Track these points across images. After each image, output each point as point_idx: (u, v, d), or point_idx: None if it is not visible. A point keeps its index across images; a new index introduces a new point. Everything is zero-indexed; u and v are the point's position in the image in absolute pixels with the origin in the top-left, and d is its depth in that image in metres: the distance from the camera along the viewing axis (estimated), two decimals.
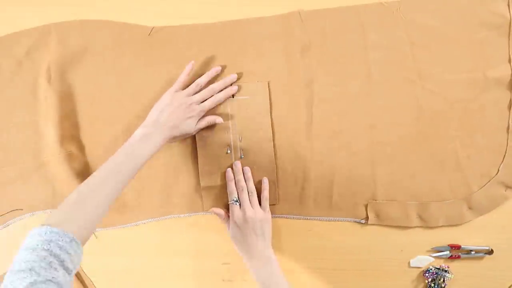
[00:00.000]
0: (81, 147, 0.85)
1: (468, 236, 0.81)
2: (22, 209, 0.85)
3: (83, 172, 0.84)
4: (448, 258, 0.80)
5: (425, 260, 0.81)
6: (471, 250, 0.80)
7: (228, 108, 0.83)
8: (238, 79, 0.84)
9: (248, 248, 0.75)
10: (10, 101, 0.86)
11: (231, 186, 0.80)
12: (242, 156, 0.83)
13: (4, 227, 0.85)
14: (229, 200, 0.80)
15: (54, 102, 0.84)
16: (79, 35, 0.86)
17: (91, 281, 0.84)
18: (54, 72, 0.85)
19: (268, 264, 0.75)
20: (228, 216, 0.80)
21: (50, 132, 0.84)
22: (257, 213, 0.77)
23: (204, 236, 0.84)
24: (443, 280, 0.79)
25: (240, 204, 0.79)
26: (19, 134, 0.86)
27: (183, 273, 0.84)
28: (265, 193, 0.81)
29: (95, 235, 0.85)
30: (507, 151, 0.80)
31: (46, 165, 0.85)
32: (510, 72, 0.80)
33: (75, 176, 0.83)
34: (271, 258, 0.75)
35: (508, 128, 0.80)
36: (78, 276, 0.84)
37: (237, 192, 0.80)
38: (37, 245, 0.55)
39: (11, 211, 0.85)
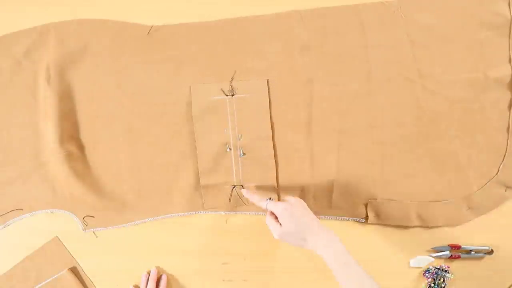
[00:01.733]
0: (81, 147, 0.85)
1: (468, 236, 0.81)
2: (22, 209, 0.85)
3: (83, 172, 0.84)
4: (448, 258, 0.80)
5: (425, 260, 0.81)
6: (471, 250, 0.80)
7: (227, 106, 0.83)
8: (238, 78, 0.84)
9: (308, 228, 0.70)
10: (10, 101, 0.86)
11: (255, 196, 0.77)
12: (242, 154, 0.83)
13: (4, 227, 0.85)
14: (264, 203, 0.74)
15: (53, 102, 0.84)
16: (78, 34, 0.86)
17: (91, 281, 0.84)
18: (54, 72, 0.85)
19: (334, 238, 0.70)
20: (273, 216, 0.74)
21: (49, 132, 0.84)
22: (297, 197, 0.75)
23: (204, 236, 0.84)
24: (443, 280, 0.79)
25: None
26: (19, 134, 0.86)
27: (183, 273, 0.84)
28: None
29: (95, 234, 0.85)
30: (507, 151, 0.80)
31: (46, 165, 0.85)
32: (510, 72, 0.80)
33: (75, 176, 0.83)
34: (332, 232, 0.71)
35: (508, 128, 0.81)
36: (78, 276, 0.84)
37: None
38: None
39: (11, 211, 0.85)
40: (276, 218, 0.72)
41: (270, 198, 0.75)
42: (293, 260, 0.83)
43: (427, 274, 0.80)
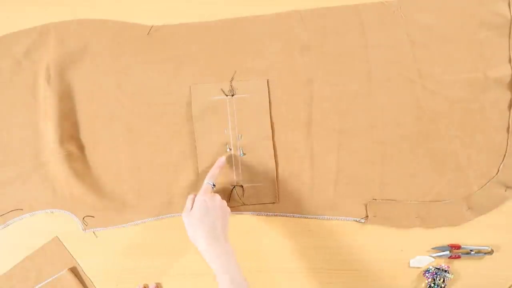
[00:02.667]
0: (81, 147, 0.85)
1: (468, 236, 0.81)
2: (22, 209, 0.85)
3: (83, 172, 0.84)
4: (448, 258, 0.80)
5: (425, 260, 0.81)
6: (471, 250, 0.80)
7: (227, 106, 0.83)
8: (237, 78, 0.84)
9: (210, 232, 0.70)
10: (10, 101, 0.86)
11: (215, 171, 0.79)
12: (242, 154, 0.83)
13: (4, 227, 0.85)
14: (206, 180, 0.77)
15: (53, 102, 0.84)
16: (78, 34, 0.86)
17: (91, 281, 0.84)
18: (54, 72, 0.85)
19: (231, 252, 0.70)
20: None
21: (49, 132, 0.84)
22: (226, 204, 0.76)
23: None
24: (443, 280, 0.79)
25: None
26: (19, 134, 0.86)
27: (183, 273, 0.84)
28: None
29: (95, 234, 0.85)
30: (507, 151, 0.80)
31: (46, 165, 0.85)
32: (510, 72, 0.80)
33: (75, 176, 0.83)
34: (231, 249, 0.71)
35: (508, 128, 0.81)
36: (78, 276, 0.84)
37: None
38: None
39: (11, 211, 0.85)
40: None
41: (213, 185, 0.77)
42: (293, 260, 0.83)
43: (427, 274, 0.80)
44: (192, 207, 0.73)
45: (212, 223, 0.71)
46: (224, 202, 0.76)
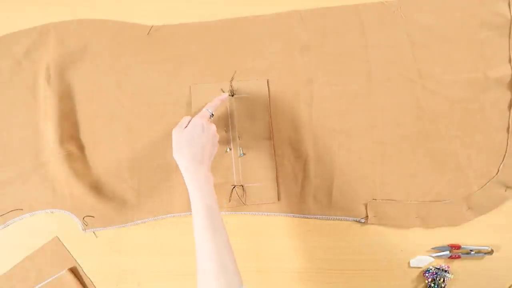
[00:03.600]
0: (81, 147, 0.85)
1: (468, 236, 0.81)
2: (22, 209, 0.85)
3: (83, 172, 0.84)
4: (448, 258, 0.80)
5: (425, 260, 0.81)
6: (471, 250, 0.80)
7: (227, 106, 0.83)
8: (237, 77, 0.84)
9: (196, 154, 0.70)
10: (10, 101, 0.86)
11: (216, 102, 0.78)
12: (242, 154, 0.83)
13: (4, 227, 0.85)
14: (205, 108, 0.76)
15: (53, 101, 0.84)
16: (78, 34, 0.86)
17: (91, 281, 0.84)
18: (54, 72, 0.85)
19: (211, 180, 0.71)
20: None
21: (49, 132, 0.84)
22: (218, 139, 0.76)
23: None
24: (443, 280, 0.79)
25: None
26: (19, 134, 0.86)
27: (183, 273, 0.84)
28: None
29: (95, 234, 0.85)
30: (507, 151, 0.80)
31: (46, 165, 0.85)
32: (510, 72, 0.80)
33: (75, 176, 0.83)
34: (212, 178, 0.71)
35: (508, 128, 0.81)
36: (78, 276, 0.84)
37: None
38: None
39: (11, 211, 0.85)
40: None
41: (212, 114, 0.76)
42: (292, 260, 0.83)
43: (427, 274, 0.80)
44: (186, 126, 0.72)
45: (202, 147, 0.70)
46: (218, 136, 0.75)
